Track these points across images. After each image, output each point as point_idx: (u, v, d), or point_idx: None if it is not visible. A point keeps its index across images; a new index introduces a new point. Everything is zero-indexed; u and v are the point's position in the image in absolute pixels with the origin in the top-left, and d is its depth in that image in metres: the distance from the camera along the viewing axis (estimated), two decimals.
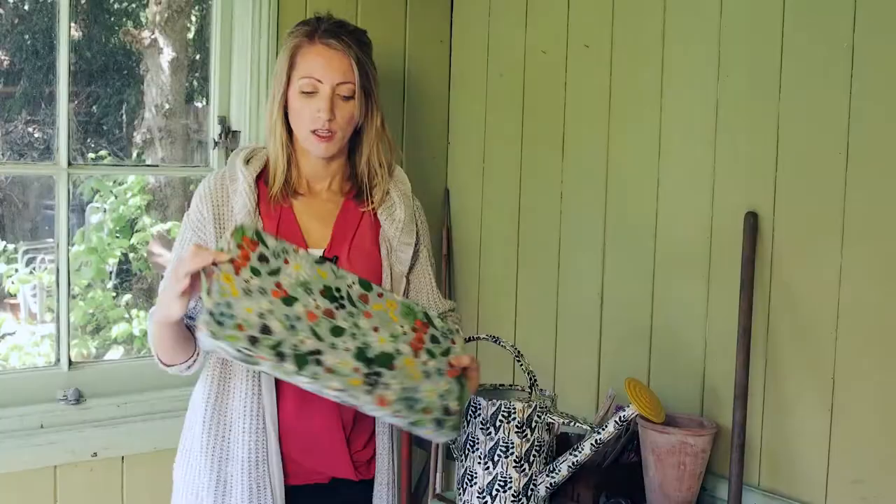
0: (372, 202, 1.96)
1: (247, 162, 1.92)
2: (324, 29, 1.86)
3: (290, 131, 1.92)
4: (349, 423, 1.94)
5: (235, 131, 2.74)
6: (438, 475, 2.98)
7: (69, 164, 2.55)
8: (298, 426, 1.89)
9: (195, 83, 4.45)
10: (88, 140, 4.26)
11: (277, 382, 1.87)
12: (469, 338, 2.15)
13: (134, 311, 4.41)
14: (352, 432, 1.95)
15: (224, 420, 1.88)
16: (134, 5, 4.47)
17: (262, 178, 1.93)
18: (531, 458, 2.07)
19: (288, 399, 1.88)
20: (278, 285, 1.63)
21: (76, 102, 3.90)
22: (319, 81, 1.83)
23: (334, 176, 1.96)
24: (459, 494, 2.10)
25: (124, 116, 4.51)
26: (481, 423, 2.04)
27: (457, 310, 2.13)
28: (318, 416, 1.90)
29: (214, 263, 1.57)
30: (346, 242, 1.93)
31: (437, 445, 2.73)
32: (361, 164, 1.96)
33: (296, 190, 1.94)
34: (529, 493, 2.08)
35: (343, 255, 1.90)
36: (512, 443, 2.06)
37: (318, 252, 1.88)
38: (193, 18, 4.36)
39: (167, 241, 4.33)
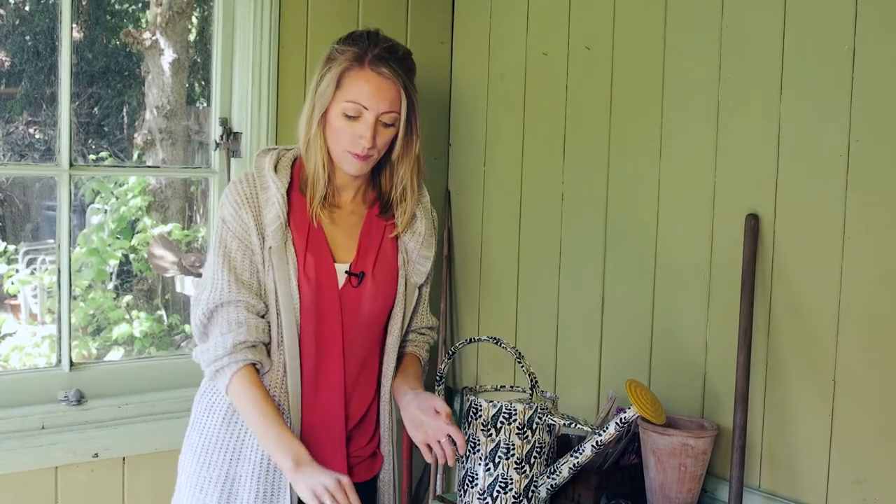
0: (398, 223, 1.98)
1: (274, 168, 1.91)
2: (375, 54, 1.84)
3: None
4: (354, 419, 1.95)
5: (237, 133, 2.74)
6: (439, 476, 2.97)
7: (70, 165, 2.56)
8: (317, 433, 1.90)
9: (196, 84, 4.45)
10: (90, 141, 4.26)
11: (303, 385, 1.88)
12: (470, 339, 2.15)
13: (134, 313, 4.41)
14: (356, 428, 1.96)
15: (241, 419, 1.88)
16: (135, 7, 4.47)
17: (290, 186, 1.93)
18: (532, 459, 2.07)
19: (313, 405, 1.89)
20: None
21: (77, 103, 3.90)
22: (365, 108, 1.83)
23: (360, 187, 1.98)
24: (460, 496, 2.10)
25: (125, 118, 4.51)
26: (482, 424, 2.04)
27: (437, 329, 2.15)
28: (324, 418, 1.90)
29: None
30: (371, 256, 1.94)
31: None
32: (394, 181, 1.97)
33: (329, 202, 1.96)
34: (530, 494, 2.08)
35: (368, 269, 1.92)
36: (513, 444, 2.06)
37: (345, 266, 1.91)
38: (194, 20, 4.36)
39: (168, 242, 4.33)
